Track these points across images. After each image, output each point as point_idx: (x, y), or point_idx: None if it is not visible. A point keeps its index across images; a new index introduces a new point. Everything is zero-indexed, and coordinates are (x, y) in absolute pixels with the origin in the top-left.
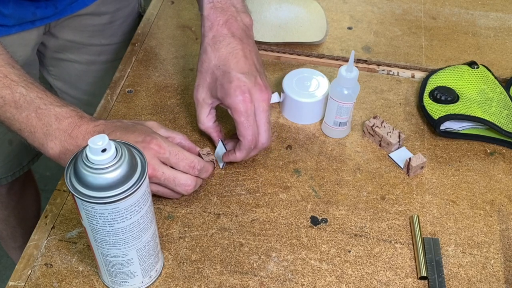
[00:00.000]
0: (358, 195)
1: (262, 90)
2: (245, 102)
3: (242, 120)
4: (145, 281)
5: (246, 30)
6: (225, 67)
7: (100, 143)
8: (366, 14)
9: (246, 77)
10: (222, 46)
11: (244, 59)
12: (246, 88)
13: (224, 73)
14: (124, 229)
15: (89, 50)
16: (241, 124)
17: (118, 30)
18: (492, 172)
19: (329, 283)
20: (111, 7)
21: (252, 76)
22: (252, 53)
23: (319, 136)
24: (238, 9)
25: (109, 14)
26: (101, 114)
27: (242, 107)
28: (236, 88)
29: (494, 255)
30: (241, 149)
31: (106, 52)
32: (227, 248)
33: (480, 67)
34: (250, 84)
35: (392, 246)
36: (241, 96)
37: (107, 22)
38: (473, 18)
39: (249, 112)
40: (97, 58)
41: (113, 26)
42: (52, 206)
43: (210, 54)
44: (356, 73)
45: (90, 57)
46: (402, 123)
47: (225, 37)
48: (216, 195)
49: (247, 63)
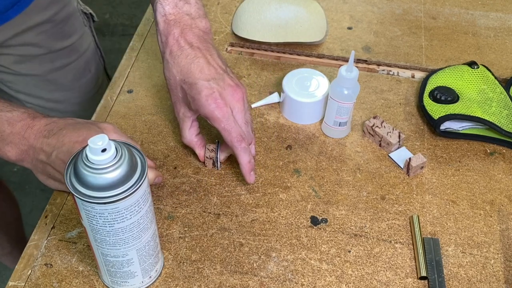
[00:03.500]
0: (358, 195)
1: (234, 89)
2: (220, 107)
3: (222, 126)
4: (145, 281)
5: (203, 36)
6: (190, 79)
7: (100, 143)
8: (366, 14)
9: (214, 83)
10: (181, 60)
11: (207, 66)
12: (217, 93)
13: (191, 85)
14: (124, 229)
15: (41, 60)
16: (223, 131)
17: (64, 33)
18: (492, 172)
19: (329, 283)
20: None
21: (220, 80)
22: (213, 56)
23: (319, 136)
24: (192, 16)
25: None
26: (101, 114)
27: (219, 113)
28: (207, 97)
29: (494, 255)
30: (237, 152)
31: (58, 57)
32: (227, 248)
33: (480, 67)
34: (220, 88)
35: (392, 246)
36: (214, 103)
37: (49, 28)
38: (473, 18)
39: (227, 116)
40: (51, 65)
41: (57, 31)
42: (52, 206)
43: (172, 69)
44: (356, 73)
45: (43, 67)
46: (402, 123)
47: (182, 50)
48: (216, 195)
49: (211, 68)
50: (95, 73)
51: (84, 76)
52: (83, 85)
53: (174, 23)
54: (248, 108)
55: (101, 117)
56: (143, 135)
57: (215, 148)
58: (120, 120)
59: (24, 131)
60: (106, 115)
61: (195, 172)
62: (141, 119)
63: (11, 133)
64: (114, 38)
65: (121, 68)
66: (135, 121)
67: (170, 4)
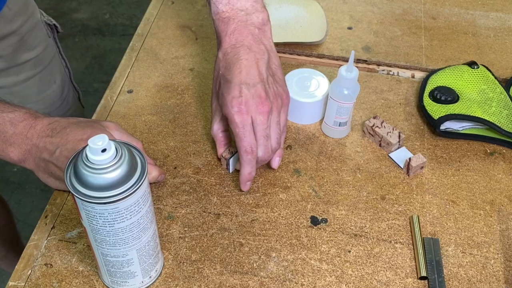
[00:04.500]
0: (358, 195)
1: (262, 102)
2: (241, 114)
3: (237, 131)
4: (145, 281)
5: (258, 34)
6: (228, 77)
7: (100, 143)
8: (366, 14)
9: (246, 88)
10: (229, 57)
11: (248, 69)
12: (243, 99)
13: (226, 83)
14: (124, 229)
15: (7, 73)
16: (236, 136)
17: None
18: (492, 172)
19: (329, 283)
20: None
21: (253, 87)
22: (260, 61)
23: (319, 136)
24: (248, 11)
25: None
26: (101, 114)
27: (237, 118)
28: (232, 99)
29: (494, 255)
30: (242, 162)
31: (23, 69)
32: (227, 248)
33: (480, 67)
34: (249, 95)
35: (392, 246)
36: (236, 107)
37: (15, 41)
38: (473, 18)
39: (244, 123)
40: (16, 78)
41: (22, 43)
42: (52, 206)
43: (219, 63)
44: (356, 73)
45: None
46: (402, 123)
47: (232, 48)
48: (216, 195)
49: (250, 73)
50: (60, 84)
51: (49, 88)
52: (48, 96)
53: (228, 21)
54: (278, 122)
55: (101, 117)
56: (143, 135)
57: (234, 152)
58: (120, 120)
59: (27, 131)
60: (106, 115)
61: (195, 172)
62: (141, 119)
63: (14, 134)
64: (114, 38)
65: (121, 68)
66: (135, 121)
67: (222, 2)
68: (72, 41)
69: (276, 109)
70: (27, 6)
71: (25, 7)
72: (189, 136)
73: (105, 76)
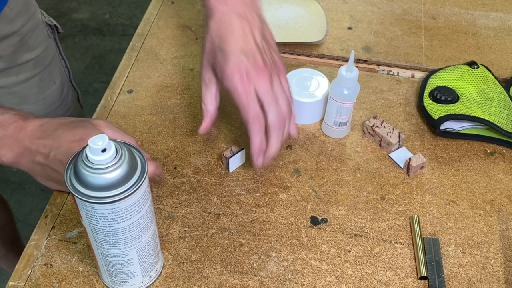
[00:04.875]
0: (358, 195)
1: (262, 70)
2: (243, 83)
3: (241, 100)
4: (145, 281)
5: (249, 3)
6: (225, 47)
7: (100, 143)
8: (366, 14)
9: (244, 56)
10: (223, 26)
11: (243, 36)
12: (243, 69)
13: (223, 53)
14: (124, 229)
15: (6, 73)
16: (241, 105)
17: (29, 46)
18: (492, 172)
19: (329, 283)
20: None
21: (252, 55)
22: (254, 29)
23: (319, 136)
24: None
25: (17, 35)
26: (101, 114)
27: (240, 88)
28: (233, 69)
29: (494, 255)
30: (250, 133)
31: (23, 70)
32: (227, 248)
33: (480, 67)
34: (248, 64)
35: (392, 246)
36: (238, 77)
37: (16, 41)
38: (473, 18)
39: (248, 92)
40: (16, 78)
41: (23, 44)
42: (52, 206)
43: (212, 33)
44: (356, 73)
45: (8, 80)
46: (402, 123)
47: (224, 15)
48: (216, 195)
49: (246, 40)
50: (59, 85)
51: (49, 88)
52: (48, 97)
53: None
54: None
55: (101, 117)
56: (143, 135)
57: (235, 152)
58: (120, 120)
59: (17, 133)
60: (106, 115)
61: (195, 172)
62: (141, 119)
63: (4, 136)
64: (114, 38)
65: (121, 68)
66: (135, 121)
67: None
68: (72, 41)
69: (276, 76)
70: (28, 7)
71: (26, 8)
72: (189, 136)
73: (105, 76)
